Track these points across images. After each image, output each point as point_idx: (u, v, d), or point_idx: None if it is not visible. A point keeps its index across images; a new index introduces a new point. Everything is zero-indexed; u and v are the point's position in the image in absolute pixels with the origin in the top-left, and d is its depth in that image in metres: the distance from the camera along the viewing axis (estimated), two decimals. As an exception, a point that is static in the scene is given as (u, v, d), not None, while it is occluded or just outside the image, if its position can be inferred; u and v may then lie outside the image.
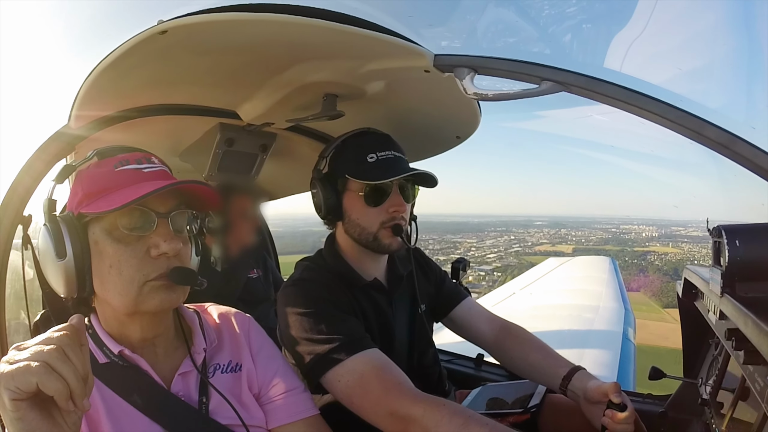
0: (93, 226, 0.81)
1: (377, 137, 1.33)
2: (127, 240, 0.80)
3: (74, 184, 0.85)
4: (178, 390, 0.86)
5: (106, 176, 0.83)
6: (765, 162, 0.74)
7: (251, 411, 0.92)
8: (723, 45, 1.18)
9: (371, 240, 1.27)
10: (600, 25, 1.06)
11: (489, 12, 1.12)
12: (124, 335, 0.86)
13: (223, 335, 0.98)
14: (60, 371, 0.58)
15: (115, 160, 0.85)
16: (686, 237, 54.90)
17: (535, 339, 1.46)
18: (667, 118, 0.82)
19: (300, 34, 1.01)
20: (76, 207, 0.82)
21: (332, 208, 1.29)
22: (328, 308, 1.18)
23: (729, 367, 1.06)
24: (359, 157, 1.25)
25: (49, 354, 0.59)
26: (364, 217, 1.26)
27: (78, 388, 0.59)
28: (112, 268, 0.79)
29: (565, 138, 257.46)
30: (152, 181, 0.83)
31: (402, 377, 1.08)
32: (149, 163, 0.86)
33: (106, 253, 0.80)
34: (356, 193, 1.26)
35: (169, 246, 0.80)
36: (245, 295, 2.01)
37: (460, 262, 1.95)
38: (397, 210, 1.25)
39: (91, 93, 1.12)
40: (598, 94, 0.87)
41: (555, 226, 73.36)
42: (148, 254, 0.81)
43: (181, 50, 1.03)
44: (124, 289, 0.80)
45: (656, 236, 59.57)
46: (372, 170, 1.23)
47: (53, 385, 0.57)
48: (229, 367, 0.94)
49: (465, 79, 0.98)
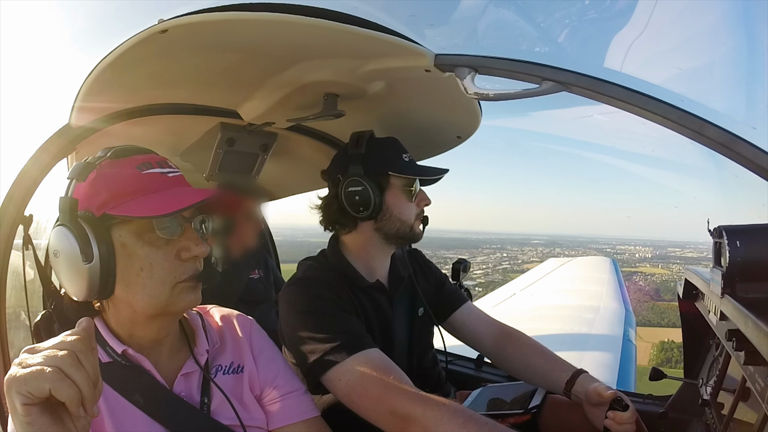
0: (119, 228, 0.80)
1: (395, 138, 1.40)
2: (158, 243, 0.81)
3: (95, 183, 0.82)
4: (180, 390, 0.87)
5: (132, 178, 0.82)
6: (766, 162, 0.74)
7: (252, 412, 0.93)
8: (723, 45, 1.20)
9: (408, 232, 1.35)
10: (600, 25, 1.06)
11: (490, 12, 1.12)
12: (134, 336, 0.86)
13: (226, 337, 0.98)
14: (73, 377, 0.58)
15: (134, 161, 0.84)
16: (679, 258, 55.75)
17: (535, 343, 1.47)
18: (668, 118, 0.82)
19: (301, 33, 1.01)
20: (99, 207, 0.79)
21: (378, 205, 1.31)
22: (330, 307, 1.18)
23: (729, 368, 1.06)
24: (397, 155, 1.34)
25: (63, 360, 0.59)
26: (406, 212, 1.33)
27: (90, 394, 0.60)
28: (143, 270, 0.80)
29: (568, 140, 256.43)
30: (179, 188, 0.86)
31: (402, 376, 1.09)
32: (169, 168, 0.88)
33: (136, 255, 0.80)
34: (399, 188, 1.32)
35: (200, 249, 0.83)
36: (246, 296, 2.01)
37: (461, 263, 1.95)
38: (427, 203, 1.37)
39: (92, 92, 1.12)
40: (599, 94, 0.87)
41: (551, 245, 74.60)
42: (178, 257, 0.82)
43: (182, 49, 1.03)
44: (155, 290, 0.81)
45: (649, 257, 60.83)
46: (410, 168, 1.33)
47: (66, 392, 0.58)
48: (231, 368, 0.94)
49: (466, 78, 0.98)
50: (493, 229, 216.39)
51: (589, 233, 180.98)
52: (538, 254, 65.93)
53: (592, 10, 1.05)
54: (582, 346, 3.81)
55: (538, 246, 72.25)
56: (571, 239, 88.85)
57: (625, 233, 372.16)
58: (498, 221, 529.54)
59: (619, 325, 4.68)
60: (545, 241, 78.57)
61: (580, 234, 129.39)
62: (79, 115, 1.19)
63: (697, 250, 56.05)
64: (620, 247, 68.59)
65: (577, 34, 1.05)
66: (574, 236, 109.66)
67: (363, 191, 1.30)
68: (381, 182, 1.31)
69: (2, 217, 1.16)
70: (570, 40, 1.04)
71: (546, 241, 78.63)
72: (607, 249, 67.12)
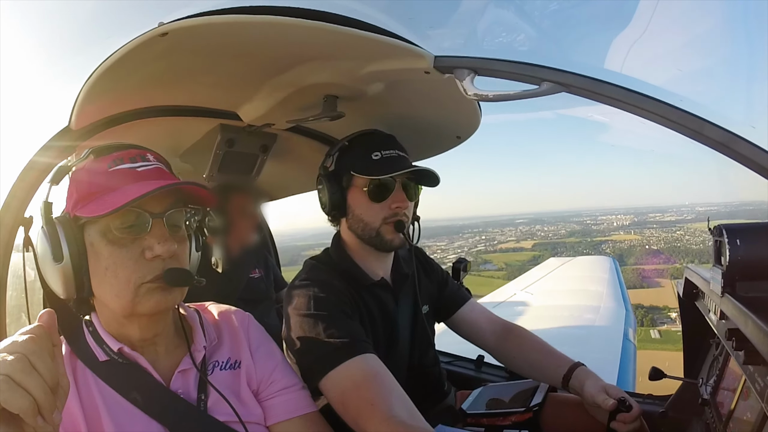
0: (88, 228, 0.80)
1: (382, 137, 1.35)
2: (122, 242, 0.79)
3: (70, 185, 0.84)
4: (177, 387, 0.87)
5: (99, 177, 0.82)
6: (765, 161, 0.74)
7: (249, 407, 0.92)
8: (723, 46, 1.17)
9: (374, 236, 1.28)
10: (601, 27, 1.06)
11: (489, 13, 1.12)
12: (124, 335, 0.86)
13: (223, 332, 0.98)
14: (25, 385, 0.52)
15: (109, 159, 0.83)
16: (656, 223, 56.64)
17: (535, 338, 1.48)
18: (668, 118, 0.82)
19: (300, 36, 1.01)
20: (72, 209, 0.81)
21: (337, 204, 1.31)
22: (330, 312, 1.17)
23: (729, 367, 1.06)
24: (365, 154, 1.27)
25: (12, 366, 0.52)
26: (367, 213, 1.28)
27: (46, 402, 0.53)
28: (108, 270, 0.79)
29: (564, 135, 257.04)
30: (146, 181, 0.82)
31: (392, 387, 1.05)
32: (144, 161, 0.85)
33: (101, 255, 0.79)
34: (360, 188, 1.28)
35: (163, 248, 0.79)
36: (246, 294, 2.01)
37: (461, 263, 1.95)
38: (399, 206, 1.27)
39: (92, 94, 1.12)
40: (598, 95, 0.88)
41: (533, 223, 74.06)
42: (143, 256, 0.79)
43: (182, 52, 1.03)
44: (121, 291, 0.79)
45: (627, 224, 60.93)
46: (376, 166, 1.26)
47: (17, 403, 0.51)
48: (228, 364, 0.94)
49: (465, 80, 0.99)
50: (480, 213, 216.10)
51: (574, 207, 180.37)
52: (516, 234, 66.52)
53: (593, 12, 1.05)
54: (582, 346, 3.81)
55: (519, 226, 71.59)
56: (556, 215, 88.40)
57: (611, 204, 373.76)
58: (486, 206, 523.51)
59: (619, 324, 4.68)
60: (528, 220, 77.88)
61: (565, 209, 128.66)
62: (79, 117, 1.19)
63: (678, 213, 56.02)
64: (602, 217, 68.79)
65: (577, 35, 1.06)
66: (559, 212, 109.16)
67: (322, 190, 1.32)
68: (343, 181, 1.29)
69: (3, 219, 1.16)
70: (570, 41, 1.05)
71: (529, 220, 77.93)
72: (587, 221, 67.81)
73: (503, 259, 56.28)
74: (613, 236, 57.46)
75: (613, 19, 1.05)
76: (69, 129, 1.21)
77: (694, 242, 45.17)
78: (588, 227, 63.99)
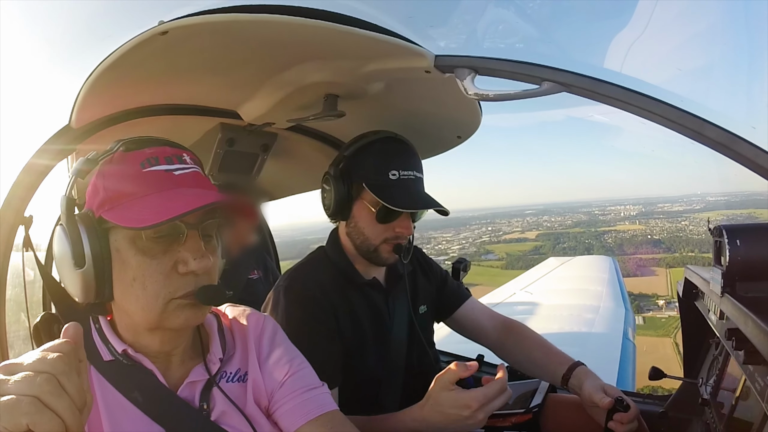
0: (115, 233, 0.73)
1: (402, 150, 1.30)
2: (153, 252, 0.73)
3: (96, 178, 0.76)
4: (184, 396, 0.82)
5: (131, 177, 0.74)
6: (766, 161, 0.74)
7: (256, 422, 0.86)
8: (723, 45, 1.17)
9: (371, 251, 1.28)
10: (601, 26, 1.06)
11: (489, 12, 1.12)
12: (139, 344, 0.80)
13: (236, 340, 0.92)
14: (54, 407, 0.50)
15: (142, 155, 0.75)
16: (664, 213, 55.90)
17: (536, 336, 1.48)
18: (668, 118, 0.82)
19: (301, 34, 1.01)
20: (97, 208, 0.74)
21: (341, 210, 1.29)
22: (301, 335, 1.05)
23: (729, 367, 1.06)
24: (381, 169, 1.24)
25: (41, 387, 0.50)
26: (369, 229, 1.27)
27: (75, 424, 0.51)
28: (136, 281, 0.72)
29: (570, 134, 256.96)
30: (184, 188, 0.75)
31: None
32: (181, 164, 0.77)
33: (128, 264, 0.72)
34: (369, 205, 1.25)
35: (198, 264, 0.73)
36: (245, 296, 2.00)
37: (461, 262, 1.95)
38: (404, 232, 1.26)
39: (93, 93, 1.12)
40: (599, 95, 0.88)
41: (541, 214, 72.83)
42: (175, 269, 0.73)
43: (182, 50, 1.03)
44: (148, 304, 0.73)
45: (634, 215, 60.23)
46: (391, 192, 1.21)
47: (45, 426, 0.49)
48: (236, 376, 0.88)
49: (465, 79, 0.99)
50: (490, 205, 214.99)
51: (584, 198, 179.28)
52: (523, 224, 65.70)
53: (593, 11, 1.05)
54: (582, 345, 3.83)
55: (527, 216, 70.30)
56: (565, 206, 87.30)
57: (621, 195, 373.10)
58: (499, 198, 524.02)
59: (618, 324, 4.69)
60: (537, 211, 76.42)
61: (574, 200, 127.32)
62: (79, 115, 1.19)
63: (687, 203, 55.85)
64: (610, 207, 67.68)
65: (577, 34, 1.06)
66: (568, 203, 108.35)
67: (328, 191, 1.30)
68: (353, 189, 1.27)
69: (3, 218, 1.16)
70: (570, 40, 1.05)
71: (537, 211, 76.47)
72: (595, 211, 67.00)
73: (506, 249, 55.84)
74: (618, 226, 56.95)
75: (613, 19, 1.05)
76: (69, 127, 1.21)
77: (696, 232, 44.96)
78: (595, 217, 63.40)
